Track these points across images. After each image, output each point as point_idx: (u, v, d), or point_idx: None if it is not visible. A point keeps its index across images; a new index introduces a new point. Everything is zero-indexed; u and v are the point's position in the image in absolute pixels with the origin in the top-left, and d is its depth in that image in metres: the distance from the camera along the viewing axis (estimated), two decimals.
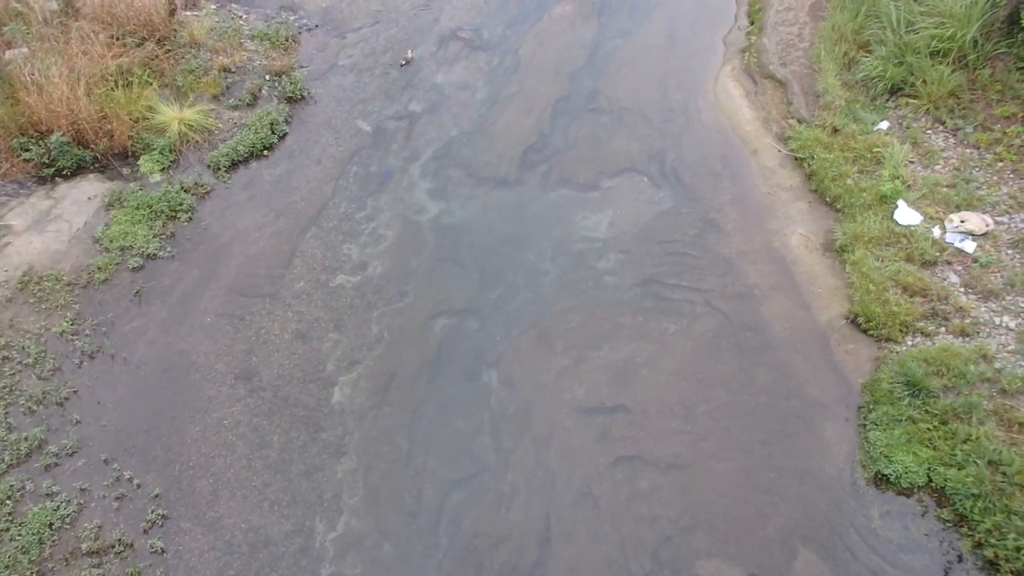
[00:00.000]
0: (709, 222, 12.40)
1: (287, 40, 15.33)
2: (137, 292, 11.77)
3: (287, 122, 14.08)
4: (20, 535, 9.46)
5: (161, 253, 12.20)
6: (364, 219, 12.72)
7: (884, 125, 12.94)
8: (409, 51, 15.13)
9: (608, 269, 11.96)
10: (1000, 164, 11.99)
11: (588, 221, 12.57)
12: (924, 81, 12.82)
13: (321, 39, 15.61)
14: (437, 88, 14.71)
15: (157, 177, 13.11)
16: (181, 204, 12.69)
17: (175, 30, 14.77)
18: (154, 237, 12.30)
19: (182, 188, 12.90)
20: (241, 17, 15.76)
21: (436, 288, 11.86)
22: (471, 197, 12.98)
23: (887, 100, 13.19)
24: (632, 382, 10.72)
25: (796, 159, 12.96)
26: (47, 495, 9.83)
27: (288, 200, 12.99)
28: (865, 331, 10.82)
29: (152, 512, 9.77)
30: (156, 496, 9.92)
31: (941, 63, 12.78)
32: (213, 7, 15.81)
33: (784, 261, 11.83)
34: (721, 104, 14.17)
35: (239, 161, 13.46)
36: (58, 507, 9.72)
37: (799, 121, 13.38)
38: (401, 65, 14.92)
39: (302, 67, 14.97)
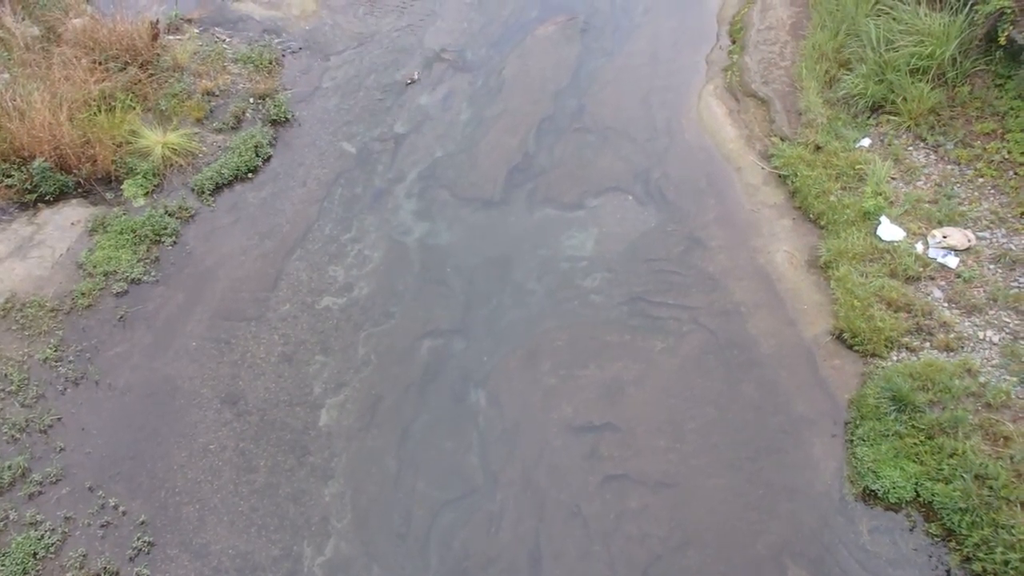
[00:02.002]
0: (694, 240, 12.54)
1: (271, 63, 15.40)
2: (121, 317, 11.79)
3: (271, 145, 14.13)
4: (4, 565, 9.40)
5: (145, 278, 12.22)
6: (350, 241, 12.79)
7: (866, 142, 13.05)
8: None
9: (594, 288, 12.07)
10: (981, 180, 12.18)
11: (574, 240, 12.69)
12: (904, 98, 12.94)
13: (305, 62, 15.71)
14: (422, 109, 14.83)
15: (141, 201, 13.15)
16: (165, 228, 12.72)
17: (158, 54, 14.82)
18: (138, 262, 12.31)
19: (166, 212, 12.92)
20: (224, 40, 15.84)
21: (422, 309, 11.92)
22: (457, 218, 13.10)
23: (868, 117, 13.31)
24: (620, 400, 10.80)
25: (780, 176, 13.07)
26: (31, 524, 9.79)
27: (273, 223, 13.05)
28: (851, 347, 10.89)
29: (138, 539, 9.75)
30: (142, 523, 9.90)
31: (921, 80, 12.96)
32: (196, 31, 15.88)
33: (769, 278, 11.91)
34: (704, 122, 14.36)
35: (223, 184, 13.48)
36: (42, 536, 9.68)
37: (782, 139, 13.50)
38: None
39: (286, 90, 15.04)
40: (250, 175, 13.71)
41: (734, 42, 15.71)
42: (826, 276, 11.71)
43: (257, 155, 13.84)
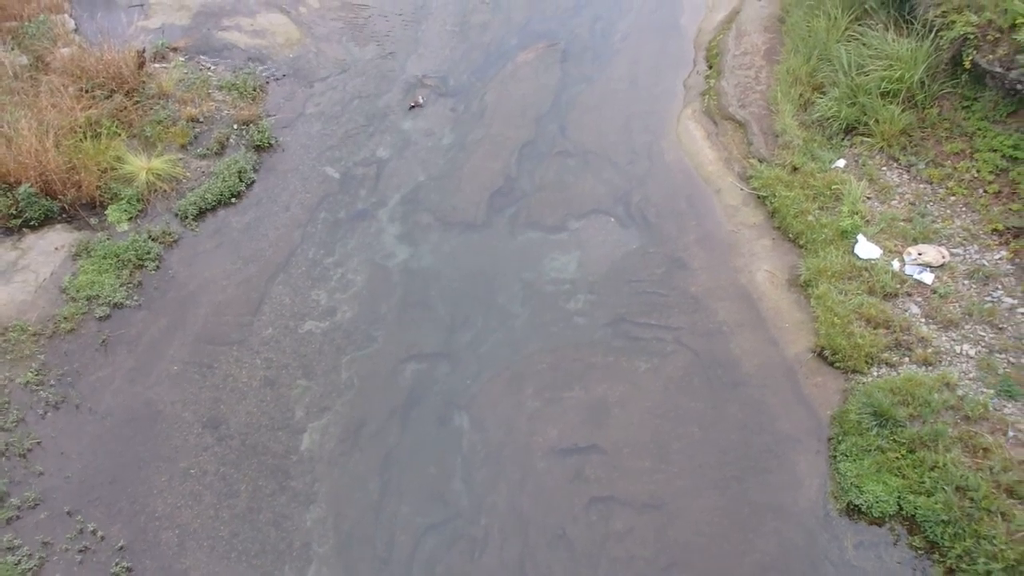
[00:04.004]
0: (676, 261, 12.53)
1: (255, 90, 15.42)
2: (103, 341, 11.59)
3: (255, 170, 14.08)
4: None
5: (128, 302, 12.05)
6: (333, 265, 12.69)
7: (841, 163, 13.19)
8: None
9: (578, 310, 11.99)
10: (952, 198, 12.25)
11: (556, 263, 12.64)
12: (877, 120, 13.14)
13: (288, 88, 15.71)
14: (404, 135, 14.81)
15: (124, 226, 13.02)
16: (148, 253, 12.60)
17: (144, 82, 14.81)
18: (121, 286, 12.16)
19: (150, 237, 12.81)
20: (209, 68, 15.83)
21: (406, 333, 11.80)
22: (440, 241, 13.03)
23: (843, 139, 13.50)
24: (605, 422, 10.68)
25: (758, 197, 13.20)
26: (8, 549, 9.50)
27: (256, 247, 12.94)
28: (832, 364, 10.91)
29: (116, 565, 9.48)
30: (120, 548, 9.64)
31: (892, 103, 13.09)
32: (181, 59, 15.85)
33: (751, 297, 11.95)
34: (684, 145, 14.42)
35: (207, 209, 13.42)
36: (19, 561, 9.39)
37: (760, 160, 13.64)
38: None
39: (270, 116, 15.04)
40: (233, 200, 13.65)
41: (711, 67, 15.86)
42: (806, 294, 11.77)
43: (240, 180, 13.80)
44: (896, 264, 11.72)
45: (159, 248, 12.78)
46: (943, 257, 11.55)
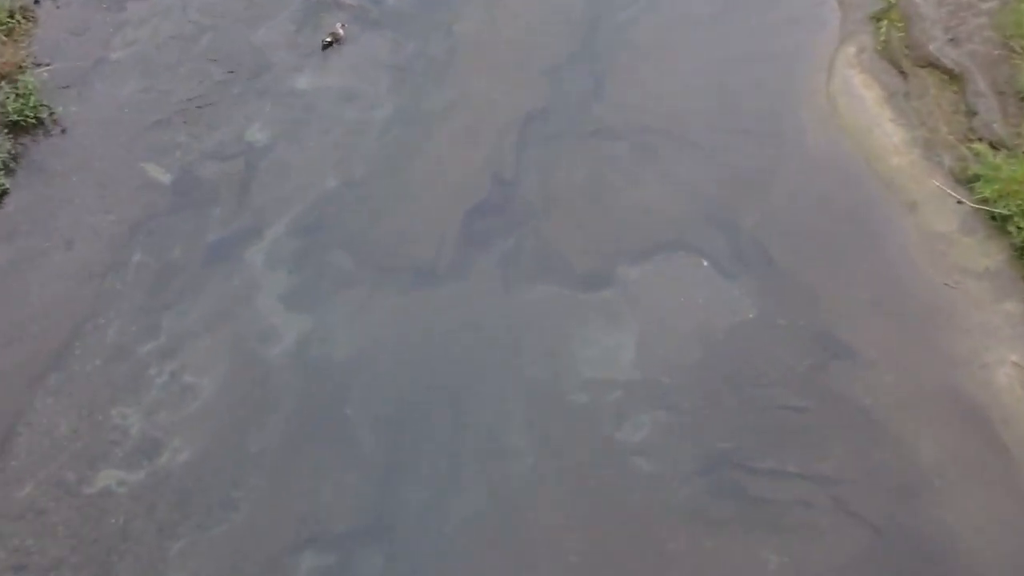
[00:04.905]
0: (830, 343, 12.36)
1: (13, 18, 15.14)
2: None
3: (8, 170, 13.56)
4: None
5: None
6: (156, 354, 12.24)
7: None
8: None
9: (639, 443, 11.63)
10: None
11: (595, 348, 12.35)
12: None
13: (78, 13, 15.59)
14: (299, 98, 14.66)
15: None
16: None
17: None
18: None
19: None
20: None
21: (297, 490, 11.07)
22: (365, 306, 12.67)
23: None
24: None
25: (992, 218, 12.96)
26: None
27: (8, 320, 12.25)
28: None
29: None
30: None
31: None
32: None
33: (984, 417, 11.99)
34: (841, 117, 14.26)
35: None
36: None
37: (992, 144, 13.39)
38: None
39: (40, 65, 14.69)
40: None
41: None
42: None
43: None
44: None
45: None
46: None
